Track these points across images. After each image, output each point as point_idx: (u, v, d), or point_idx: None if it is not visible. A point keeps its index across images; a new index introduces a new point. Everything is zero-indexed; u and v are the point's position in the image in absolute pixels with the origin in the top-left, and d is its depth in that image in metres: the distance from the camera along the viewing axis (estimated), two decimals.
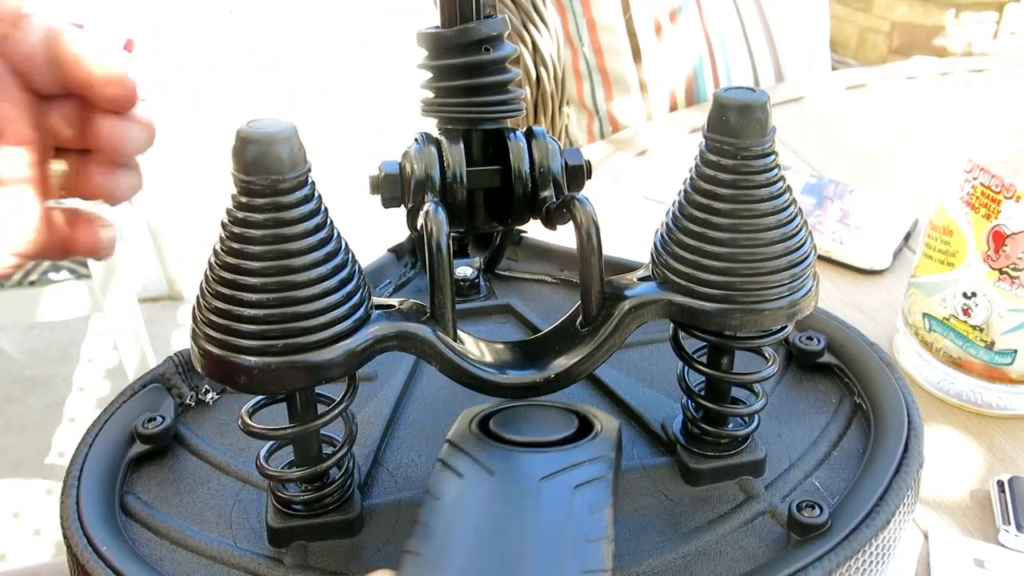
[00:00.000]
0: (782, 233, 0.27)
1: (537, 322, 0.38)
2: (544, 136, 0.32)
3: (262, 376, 0.24)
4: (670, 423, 0.32)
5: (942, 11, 2.09)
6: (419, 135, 0.32)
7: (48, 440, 1.59)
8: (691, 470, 0.30)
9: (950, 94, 0.98)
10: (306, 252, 0.24)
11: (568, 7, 1.00)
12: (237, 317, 0.24)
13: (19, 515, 1.47)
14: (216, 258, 0.25)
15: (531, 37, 0.92)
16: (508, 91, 0.33)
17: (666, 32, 1.02)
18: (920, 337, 0.59)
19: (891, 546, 0.29)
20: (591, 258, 0.28)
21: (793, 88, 1.01)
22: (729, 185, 0.27)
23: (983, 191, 0.52)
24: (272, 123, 0.24)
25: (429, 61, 0.32)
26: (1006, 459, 0.54)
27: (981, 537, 0.49)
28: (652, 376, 0.35)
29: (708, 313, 0.27)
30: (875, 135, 0.91)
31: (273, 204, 0.24)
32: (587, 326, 0.28)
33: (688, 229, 0.27)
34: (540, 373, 0.28)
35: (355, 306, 0.25)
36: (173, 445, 0.32)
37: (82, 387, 1.71)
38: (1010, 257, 0.52)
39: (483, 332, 0.34)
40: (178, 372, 0.34)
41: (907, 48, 2.12)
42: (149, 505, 0.30)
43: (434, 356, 0.27)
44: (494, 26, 0.31)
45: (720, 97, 0.26)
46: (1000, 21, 2.09)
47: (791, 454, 0.32)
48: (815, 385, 0.35)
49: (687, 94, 1.05)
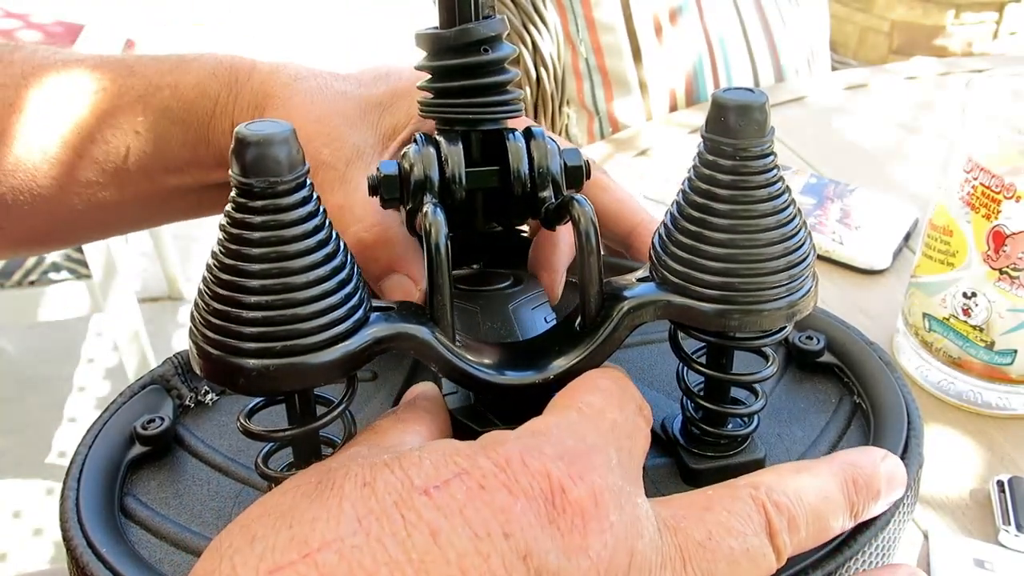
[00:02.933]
0: (781, 234, 0.27)
1: None
2: (543, 136, 0.32)
3: (261, 378, 0.24)
4: (669, 423, 0.32)
5: (942, 11, 2.09)
6: (418, 135, 0.32)
7: (48, 440, 1.59)
8: (691, 470, 0.30)
9: (950, 94, 0.98)
10: (305, 254, 0.24)
11: (568, 7, 1.00)
12: (236, 319, 0.24)
13: (19, 515, 1.47)
14: (215, 260, 0.25)
15: (531, 37, 0.92)
16: (507, 91, 0.33)
17: (666, 32, 1.02)
18: (920, 337, 0.59)
19: (891, 546, 0.29)
20: (590, 258, 0.28)
21: (793, 88, 1.01)
22: (728, 186, 0.26)
23: (983, 191, 0.52)
24: (270, 125, 0.24)
25: (428, 62, 0.32)
26: (1006, 459, 0.54)
27: (981, 537, 0.49)
28: (651, 376, 0.35)
29: (707, 314, 0.27)
30: (875, 135, 0.91)
31: (271, 206, 0.24)
32: (586, 327, 0.28)
33: (687, 230, 0.27)
34: (539, 374, 0.28)
35: (354, 308, 0.25)
36: (173, 446, 0.32)
37: (82, 387, 1.72)
38: (1010, 257, 0.52)
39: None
40: (178, 373, 0.34)
41: (907, 48, 2.12)
42: (149, 506, 0.30)
43: (432, 357, 0.27)
44: (493, 27, 0.31)
45: (719, 98, 0.26)
46: (1000, 21, 2.09)
47: (791, 454, 0.32)
48: (815, 385, 0.35)
49: (687, 94, 1.05)
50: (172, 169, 0.44)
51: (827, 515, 0.25)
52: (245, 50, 0.45)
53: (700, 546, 0.23)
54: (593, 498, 0.22)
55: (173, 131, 0.43)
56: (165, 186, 0.45)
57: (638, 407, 0.26)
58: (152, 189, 0.45)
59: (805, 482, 0.25)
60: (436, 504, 0.21)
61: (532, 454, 0.22)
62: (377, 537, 0.20)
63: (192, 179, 0.45)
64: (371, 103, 0.40)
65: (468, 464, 0.22)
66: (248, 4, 3.20)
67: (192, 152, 0.44)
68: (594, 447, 0.24)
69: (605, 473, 0.23)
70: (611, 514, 0.22)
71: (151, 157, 0.44)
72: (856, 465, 0.27)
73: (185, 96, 0.43)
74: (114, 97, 0.44)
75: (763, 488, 0.25)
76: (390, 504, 0.21)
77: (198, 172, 0.45)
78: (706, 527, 0.24)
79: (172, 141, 0.44)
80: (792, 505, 0.25)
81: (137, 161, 0.44)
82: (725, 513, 0.24)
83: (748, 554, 0.24)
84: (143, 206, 0.47)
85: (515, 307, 0.35)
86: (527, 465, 0.22)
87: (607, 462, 0.23)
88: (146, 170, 0.44)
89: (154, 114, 0.43)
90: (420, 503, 0.21)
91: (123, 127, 0.44)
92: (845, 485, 0.26)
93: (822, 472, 0.26)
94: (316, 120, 0.39)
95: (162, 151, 0.44)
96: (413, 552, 0.20)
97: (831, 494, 0.26)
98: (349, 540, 0.20)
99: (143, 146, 0.44)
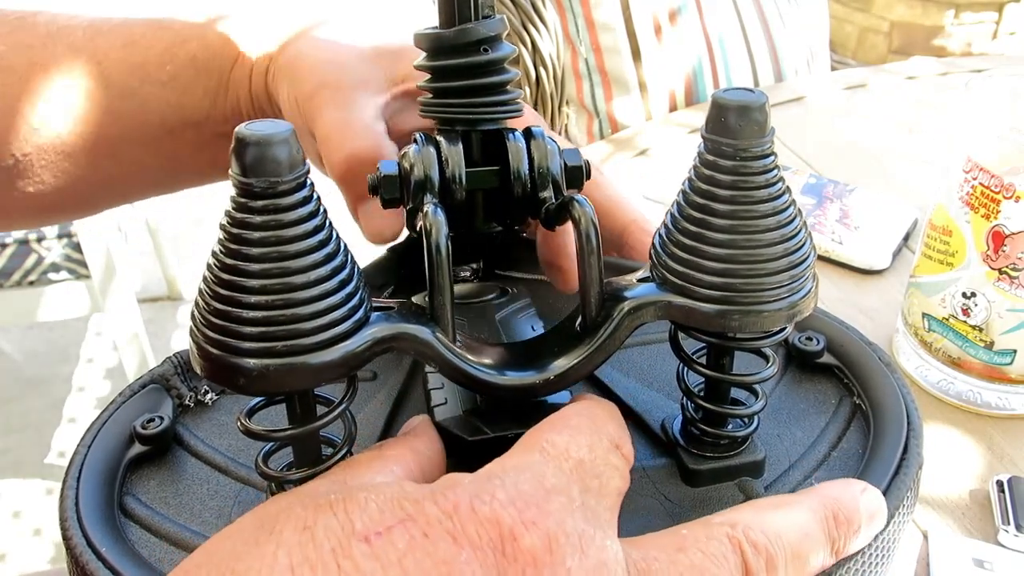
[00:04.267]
0: (781, 234, 0.27)
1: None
2: (543, 136, 0.32)
3: (261, 378, 0.24)
4: (669, 424, 0.32)
5: (941, 11, 2.09)
6: (418, 135, 0.32)
7: (48, 440, 1.59)
8: (690, 471, 0.30)
9: (950, 94, 0.98)
10: (305, 254, 0.24)
11: (568, 7, 1.00)
12: (236, 319, 0.24)
13: (19, 515, 1.47)
14: (215, 260, 0.24)
15: (531, 37, 0.92)
16: (507, 91, 0.33)
17: (666, 32, 1.02)
18: (919, 337, 0.59)
19: (891, 546, 0.29)
20: (590, 259, 0.28)
21: (793, 88, 1.01)
22: (728, 186, 0.26)
23: (983, 191, 0.52)
24: (270, 125, 0.24)
25: (427, 62, 0.32)
26: (1005, 459, 0.54)
27: (981, 537, 0.49)
28: (652, 377, 0.35)
29: (707, 314, 0.27)
30: (875, 135, 0.91)
31: (272, 206, 0.24)
32: (586, 327, 0.28)
33: (687, 230, 0.27)
34: (539, 374, 0.28)
35: (354, 308, 0.25)
36: (172, 446, 0.32)
37: (82, 387, 1.72)
38: (1009, 257, 0.52)
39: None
40: (177, 373, 0.34)
41: (906, 48, 2.12)
42: (148, 506, 0.30)
43: (433, 357, 0.27)
44: (493, 27, 0.31)
45: (718, 98, 0.26)
46: (999, 21, 2.09)
47: (790, 455, 0.32)
48: (814, 385, 0.35)
49: (687, 94, 1.05)
50: (191, 123, 0.46)
51: (807, 553, 0.24)
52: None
53: None
54: (547, 545, 0.21)
55: (197, 80, 0.45)
56: (185, 140, 0.46)
57: (612, 444, 0.25)
58: (172, 144, 0.46)
59: (784, 519, 0.24)
60: (375, 552, 0.20)
61: (482, 499, 0.21)
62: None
63: (210, 131, 0.46)
64: (388, 49, 0.41)
65: (414, 510, 0.21)
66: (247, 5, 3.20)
67: (211, 102, 0.45)
68: (553, 489, 0.22)
69: (563, 517, 0.22)
70: (568, 559, 0.21)
71: (174, 109, 0.45)
72: (837, 499, 0.26)
73: (212, 44, 0.44)
74: (143, 49, 0.45)
75: (740, 526, 0.24)
76: (327, 551, 0.20)
77: (215, 124, 0.46)
78: (678, 570, 0.22)
79: (195, 91, 0.45)
80: (770, 544, 0.24)
81: (160, 113, 0.45)
82: (699, 554, 0.23)
83: None
84: (163, 165, 0.48)
85: (502, 317, 0.35)
86: (476, 512, 0.21)
87: (567, 505, 0.22)
88: (168, 124, 0.46)
89: (181, 63, 0.45)
90: (358, 551, 0.20)
91: (150, 78, 0.45)
92: (825, 521, 0.25)
93: (802, 507, 0.25)
94: (329, 50, 0.40)
95: (184, 103, 0.45)
96: None
97: (811, 531, 0.25)
98: None
99: (167, 96, 0.45)
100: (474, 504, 0.21)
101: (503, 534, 0.21)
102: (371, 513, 0.21)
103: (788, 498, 0.26)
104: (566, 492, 0.22)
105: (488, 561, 0.20)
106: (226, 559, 0.21)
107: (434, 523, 0.20)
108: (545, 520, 0.21)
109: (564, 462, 0.24)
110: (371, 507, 0.21)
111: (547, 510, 0.21)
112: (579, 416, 0.26)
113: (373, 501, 0.21)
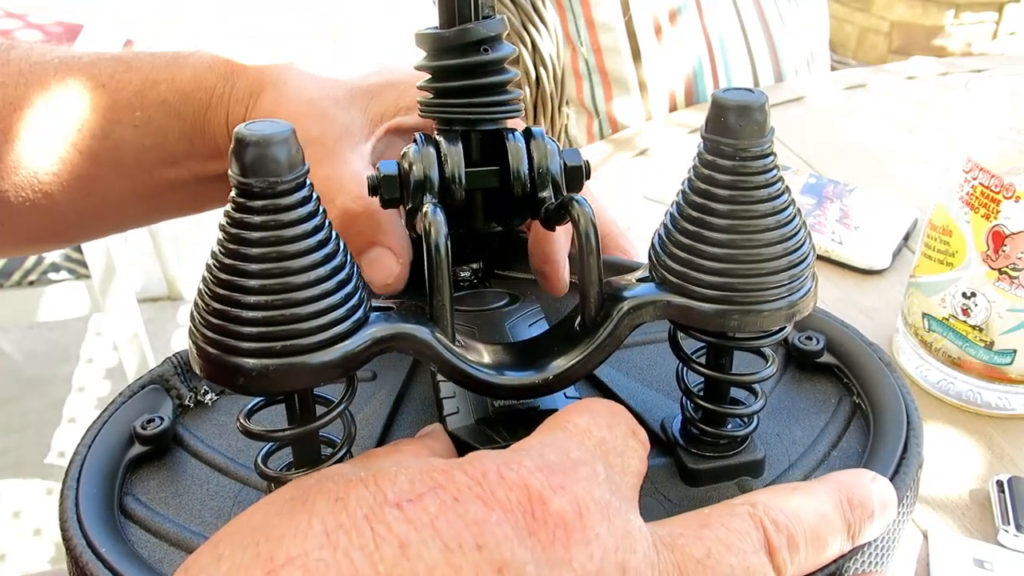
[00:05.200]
0: (781, 234, 0.27)
1: None
2: (543, 136, 0.32)
3: (260, 378, 0.24)
4: (669, 423, 0.32)
5: (941, 11, 2.09)
6: (418, 135, 0.32)
7: (48, 440, 1.59)
8: (690, 471, 0.30)
9: (950, 94, 0.98)
10: (304, 254, 0.24)
11: (568, 7, 1.00)
12: (235, 319, 0.24)
13: (19, 515, 1.47)
14: (214, 260, 0.24)
15: (531, 37, 0.91)
16: (507, 91, 0.33)
17: (666, 32, 1.02)
18: (919, 337, 0.59)
19: (890, 546, 0.29)
20: (589, 259, 0.28)
21: (793, 88, 1.01)
22: (727, 186, 0.26)
23: (983, 191, 0.52)
24: (270, 124, 0.24)
25: (427, 62, 0.32)
26: (1005, 459, 0.54)
27: (981, 537, 0.49)
28: (651, 376, 0.35)
29: (706, 314, 0.27)
30: (875, 135, 0.91)
31: (271, 206, 0.24)
32: (586, 327, 0.28)
33: (686, 230, 0.27)
34: (539, 374, 0.28)
35: (353, 308, 0.25)
36: (172, 446, 0.32)
37: (82, 387, 1.71)
38: (1009, 257, 0.52)
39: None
40: (177, 373, 0.34)
41: (906, 48, 2.12)
42: (148, 506, 0.30)
43: (432, 357, 0.27)
44: (493, 27, 0.31)
45: (718, 98, 0.26)
46: (999, 21, 2.10)
47: (790, 454, 0.32)
48: (814, 385, 0.35)
49: (687, 94, 1.05)
50: (169, 162, 0.45)
51: (825, 535, 0.25)
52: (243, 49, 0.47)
53: (699, 563, 0.23)
54: (576, 509, 0.21)
55: (170, 124, 0.44)
56: (163, 179, 0.46)
57: (630, 430, 0.26)
58: (150, 183, 0.46)
59: (802, 502, 0.25)
60: (407, 517, 0.20)
61: (510, 467, 0.22)
62: (344, 551, 0.20)
63: (189, 172, 0.46)
64: (361, 89, 0.41)
65: (444, 479, 0.21)
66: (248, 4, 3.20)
67: (189, 144, 0.45)
68: (579, 460, 0.23)
69: (590, 486, 0.22)
70: (597, 526, 0.21)
71: (149, 150, 0.45)
72: (850, 485, 0.26)
73: (182, 89, 0.44)
74: (112, 92, 0.44)
75: (760, 506, 0.24)
76: (360, 518, 0.20)
77: (194, 164, 0.45)
78: (705, 544, 0.23)
79: (169, 134, 0.44)
80: (790, 523, 0.24)
81: (135, 155, 0.45)
82: (723, 529, 0.23)
83: (748, 572, 0.23)
84: (142, 201, 0.48)
85: (511, 325, 0.35)
86: (504, 477, 0.21)
87: (592, 475, 0.23)
88: (144, 164, 0.45)
89: (151, 107, 0.44)
90: (391, 516, 0.20)
91: (121, 121, 0.44)
92: (841, 505, 0.26)
93: (817, 492, 0.26)
94: (307, 101, 0.40)
95: (160, 144, 0.45)
96: (380, 565, 0.19)
97: (828, 513, 0.25)
98: (315, 554, 0.20)
99: (141, 139, 0.44)
100: (502, 471, 0.21)
101: (532, 497, 0.21)
102: (401, 484, 0.21)
103: (805, 484, 0.26)
104: (590, 465, 0.23)
105: (518, 522, 0.21)
106: (258, 528, 0.21)
107: (464, 489, 0.21)
108: (573, 486, 0.22)
109: (587, 439, 0.24)
110: (401, 479, 0.21)
111: (575, 477, 0.22)
112: (596, 403, 0.26)
113: (403, 474, 0.22)
